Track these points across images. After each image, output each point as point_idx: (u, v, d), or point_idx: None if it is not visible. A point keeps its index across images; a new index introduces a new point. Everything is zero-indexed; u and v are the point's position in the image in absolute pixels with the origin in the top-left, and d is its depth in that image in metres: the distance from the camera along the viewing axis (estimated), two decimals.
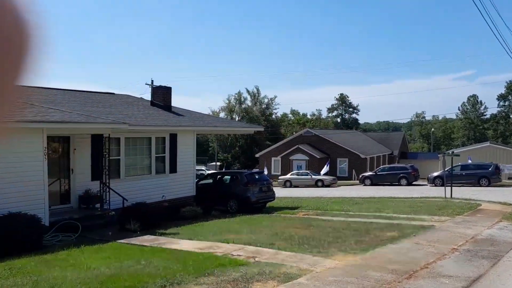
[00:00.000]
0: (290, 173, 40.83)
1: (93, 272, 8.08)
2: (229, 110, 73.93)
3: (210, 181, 20.84)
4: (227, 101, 75.35)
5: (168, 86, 21.60)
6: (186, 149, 18.95)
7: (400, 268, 8.27)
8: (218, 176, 21.23)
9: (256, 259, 8.95)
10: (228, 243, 10.67)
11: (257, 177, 19.78)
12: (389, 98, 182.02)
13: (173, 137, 18.18)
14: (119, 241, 11.41)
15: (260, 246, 10.17)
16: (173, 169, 18.17)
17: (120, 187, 15.17)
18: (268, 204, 19.99)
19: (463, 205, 20.02)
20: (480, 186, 32.28)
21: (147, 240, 11.61)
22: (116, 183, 15.19)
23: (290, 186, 37.90)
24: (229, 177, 20.45)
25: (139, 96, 23.72)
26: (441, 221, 14.86)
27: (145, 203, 14.55)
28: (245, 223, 14.53)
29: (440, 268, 8.49)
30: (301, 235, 11.58)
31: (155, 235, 12.30)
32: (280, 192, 27.18)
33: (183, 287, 7.08)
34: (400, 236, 11.76)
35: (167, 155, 17.98)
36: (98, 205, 14.42)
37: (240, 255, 9.31)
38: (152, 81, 21.33)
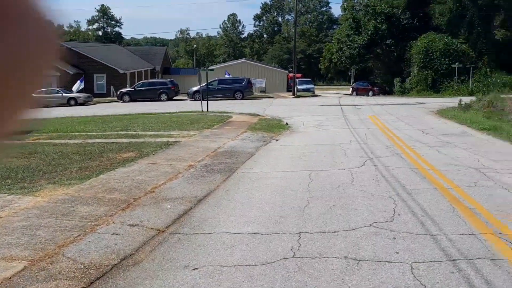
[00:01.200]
0: None
1: None
2: None
3: None
4: None
5: None
6: None
7: (120, 197, 6.97)
8: None
9: None
10: None
11: None
12: (154, 11, 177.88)
13: None
14: None
15: None
16: None
17: None
18: None
19: (216, 118, 20.11)
20: (235, 99, 33.81)
21: None
22: None
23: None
24: None
25: None
26: (189, 136, 14.25)
27: None
28: None
29: (168, 190, 7.51)
30: (14, 166, 9.29)
31: None
32: None
33: None
34: (138, 156, 10.52)
35: None
36: None
37: None
38: None
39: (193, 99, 33.28)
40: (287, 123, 18.67)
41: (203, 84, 32.03)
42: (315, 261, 4.43)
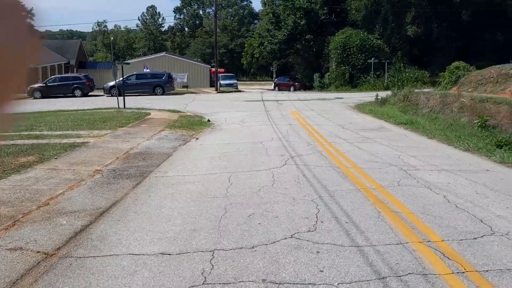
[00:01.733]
0: None
1: None
2: None
3: None
4: None
5: None
6: None
7: (6, 213, 5.95)
8: None
9: None
10: None
11: None
12: (69, 3, 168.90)
13: None
14: None
15: None
16: None
17: None
18: None
19: (132, 115, 18.97)
20: (156, 94, 32.50)
21: None
22: None
23: None
24: None
25: None
26: (99, 136, 13.13)
27: None
28: None
29: (66, 202, 6.57)
30: None
31: None
32: None
33: None
34: (37, 161, 9.35)
35: None
36: None
37: None
38: None
39: (109, 95, 31.52)
40: (209, 120, 18.00)
41: (120, 79, 30.55)
42: (229, 287, 3.83)
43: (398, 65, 38.48)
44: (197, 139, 13.26)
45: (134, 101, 27.77)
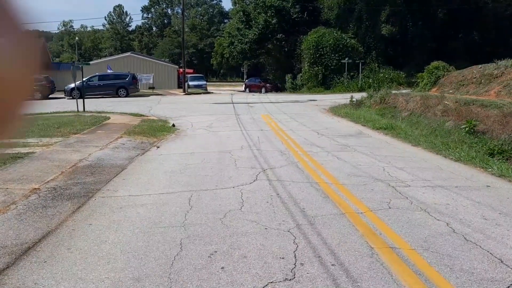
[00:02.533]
0: None
1: None
2: None
3: None
4: None
5: None
6: None
7: None
8: None
9: None
10: None
11: None
12: (36, 2, 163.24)
13: None
14: None
15: None
16: None
17: None
18: None
19: (91, 119, 17.46)
20: (119, 96, 30.85)
21: None
22: None
23: None
24: None
25: None
26: (49, 145, 11.67)
27: None
28: None
29: None
30: None
31: None
32: None
33: None
34: None
35: None
36: None
37: None
38: None
39: (70, 97, 29.69)
40: (173, 125, 16.70)
41: (81, 81, 28.95)
42: None
43: (373, 65, 37.80)
44: (158, 147, 11.96)
45: (96, 104, 26.17)
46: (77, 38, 54.63)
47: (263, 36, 43.22)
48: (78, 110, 21.85)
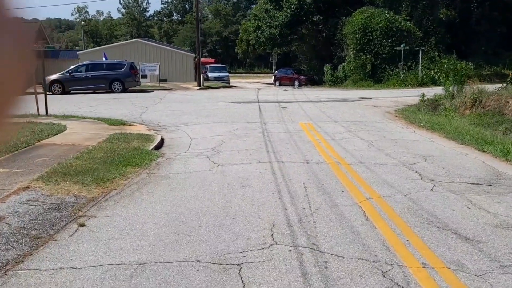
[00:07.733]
0: None
1: None
2: None
3: None
4: None
5: None
6: None
7: None
8: None
9: None
10: None
11: None
12: None
13: None
14: None
15: None
16: None
17: None
18: None
19: (31, 133, 10.92)
20: (113, 92, 24.21)
21: None
22: None
23: None
24: None
25: None
26: None
27: None
28: None
29: None
30: None
31: None
32: None
33: None
34: None
35: None
36: None
37: None
38: None
39: (50, 93, 23.00)
40: (160, 142, 10.23)
41: (65, 71, 22.72)
42: None
43: (433, 53, 30.21)
44: (82, 226, 5.22)
45: (75, 103, 19.73)
46: (83, 22, 48.77)
47: (296, 19, 35.86)
48: (38, 113, 15.52)
